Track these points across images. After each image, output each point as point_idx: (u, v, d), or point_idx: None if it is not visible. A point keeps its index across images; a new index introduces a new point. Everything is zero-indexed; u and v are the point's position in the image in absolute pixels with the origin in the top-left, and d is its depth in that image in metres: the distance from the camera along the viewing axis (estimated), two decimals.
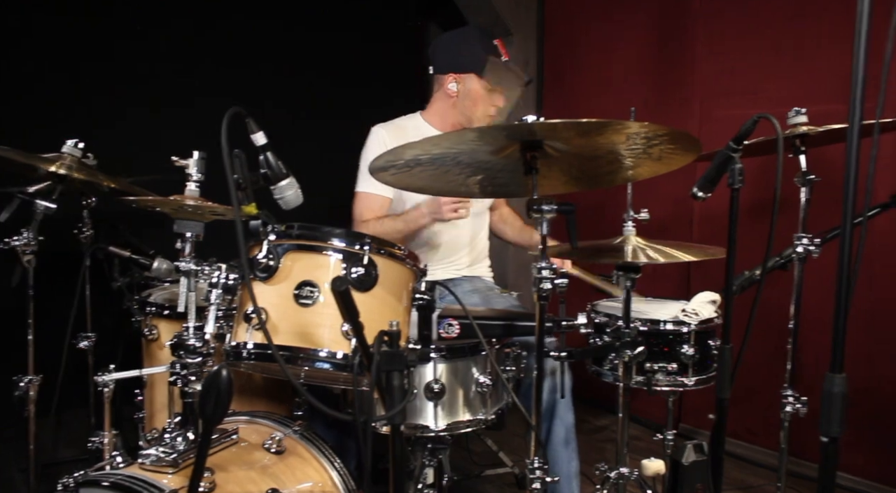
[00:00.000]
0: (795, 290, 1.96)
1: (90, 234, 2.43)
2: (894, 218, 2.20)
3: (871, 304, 2.74)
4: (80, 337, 2.42)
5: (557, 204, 1.48)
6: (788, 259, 2.02)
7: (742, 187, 1.57)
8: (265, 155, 1.58)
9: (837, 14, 2.94)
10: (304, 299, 1.50)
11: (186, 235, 1.67)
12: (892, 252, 2.72)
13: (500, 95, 2.44)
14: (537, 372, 1.53)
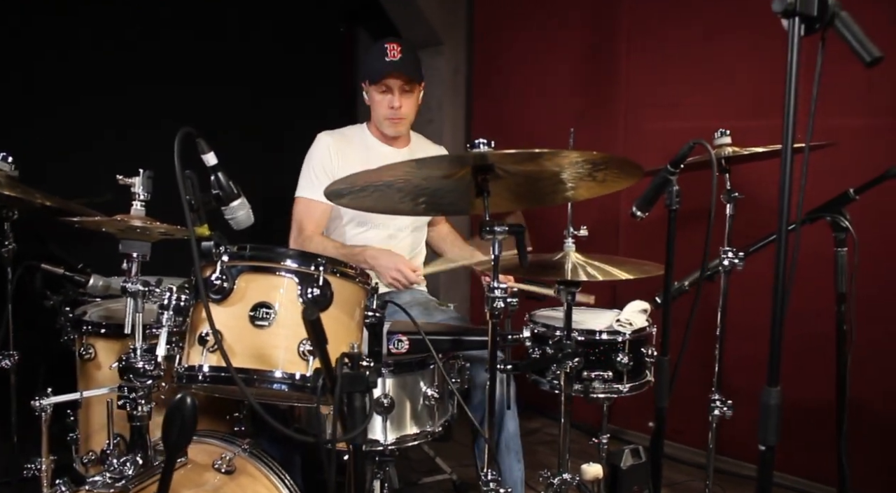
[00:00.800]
0: (721, 300, 2.08)
1: (12, 248, 2.33)
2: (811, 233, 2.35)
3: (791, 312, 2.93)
4: (3, 355, 2.33)
5: (508, 225, 1.53)
6: (715, 271, 2.14)
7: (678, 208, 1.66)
8: (216, 175, 1.58)
9: (750, 35, 3.13)
10: (259, 321, 1.50)
11: (133, 256, 1.64)
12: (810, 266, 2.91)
13: (395, 95, 2.45)
14: (490, 386, 1.58)
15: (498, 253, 1.55)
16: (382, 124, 2.48)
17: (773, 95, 3.05)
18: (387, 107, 2.44)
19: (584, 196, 1.80)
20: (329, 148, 2.50)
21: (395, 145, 2.57)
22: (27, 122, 3.33)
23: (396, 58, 2.38)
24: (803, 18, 1.22)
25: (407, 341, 1.81)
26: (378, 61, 2.39)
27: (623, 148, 3.55)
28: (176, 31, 3.84)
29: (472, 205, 1.83)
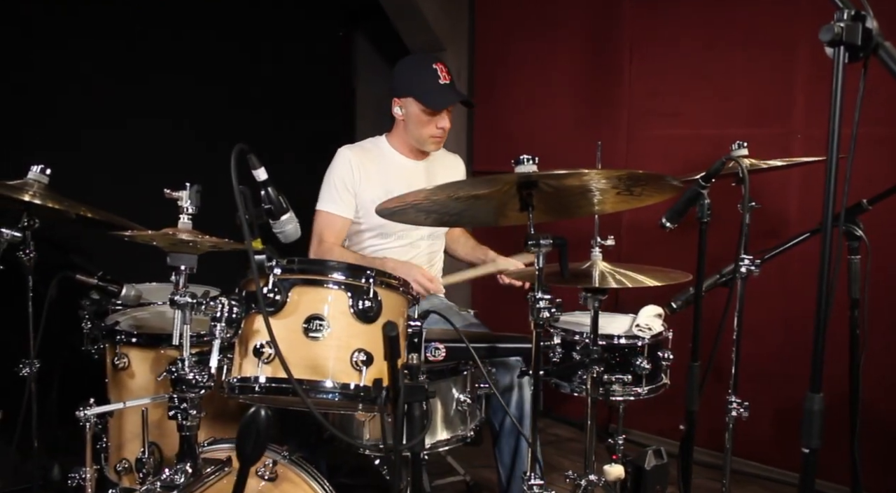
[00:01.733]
0: (738, 305, 2.16)
1: (33, 257, 2.34)
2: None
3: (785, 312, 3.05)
4: (24, 363, 2.34)
5: (552, 238, 1.59)
6: (730, 277, 2.21)
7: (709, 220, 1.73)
8: (266, 190, 1.61)
9: (749, 47, 3.23)
10: (313, 333, 1.54)
11: (181, 268, 1.67)
12: (803, 267, 3.02)
13: (443, 117, 2.50)
14: (534, 392, 1.64)
15: (542, 265, 1.60)
16: (425, 143, 2.52)
17: (771, 104, 3.20)
18: (434, 127, 2.48)
19: (613, 209, 1.87)
20: (350, 162, 2.54)
21: (415, 158, 2.62)
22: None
23: (449, 81, 2.45)
24: (848, 47, 1.28)
25: (444, 348, 1.86)
26: (432, 83, 2.43)
27: (626, 155, 3.63)
28: (172, 35, 3.83)
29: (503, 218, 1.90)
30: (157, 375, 2.04)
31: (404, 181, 2.56)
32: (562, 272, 1.63)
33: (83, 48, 3.49)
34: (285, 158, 4.42)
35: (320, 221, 2.55)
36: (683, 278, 1.97)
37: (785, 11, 3.11)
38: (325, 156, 4.76)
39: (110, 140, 3.50)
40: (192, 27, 3.91)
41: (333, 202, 2.54)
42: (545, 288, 1.60)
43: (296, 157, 4.48)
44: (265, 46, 4.31)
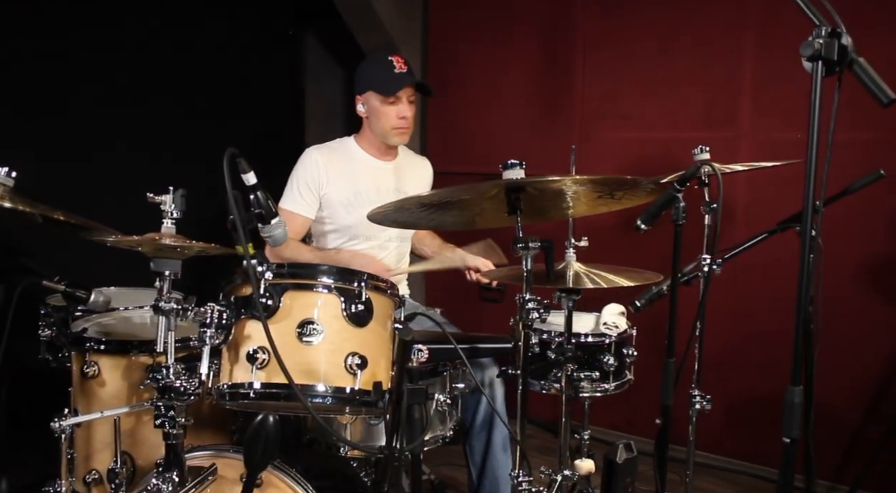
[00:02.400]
0: (701, 303, 2.25)
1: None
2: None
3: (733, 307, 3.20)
4: None
5: (540, 241, 1.64)
6: (693, 276, 2.31)
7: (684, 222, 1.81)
8: (256, 195, 1.60)
9: (699, 51, 3.37)
10: (306, 337, 1.54)
11: (165, 273, 1.64)
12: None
13: (405, 106, 2.51)
14: (521, 392, 1.68)
15: (531, 267, 1.64)
16: (389, 135, 2.52)
17: (720, 109, 3.34)
18: (396, 117, 2.47)
19: (591, 212, 1.92)
20: (318, 164, 2.52)
21: (383, 158, 2.62)
22: None
23: (405, 69, 2.45)
24: (825, 62, 1.36)
25: (427, 351, 1.88)
26: (387, 73, 2.43)
27: (578, 156, 3.71)
28: (117, 37, 3.74)
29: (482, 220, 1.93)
30: (131, 382, 1.99)
31: (373, 182, 2.56)
32: (548, 274, 1.67)
33: (23, 45, 3.37)
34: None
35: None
36: (656, 279, 2.05)
37: (733, 20, 3.26)
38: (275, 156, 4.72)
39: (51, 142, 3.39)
40: (136, 24, 3.81)
41: (294, 201, 2.53)
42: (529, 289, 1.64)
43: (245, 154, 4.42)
44: (213, 44, 4.23)
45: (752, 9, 3.21)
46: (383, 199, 2.56)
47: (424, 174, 2.78)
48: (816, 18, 1.37)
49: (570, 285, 2.05)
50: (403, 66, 2.47)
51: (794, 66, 3.33)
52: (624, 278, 2.02)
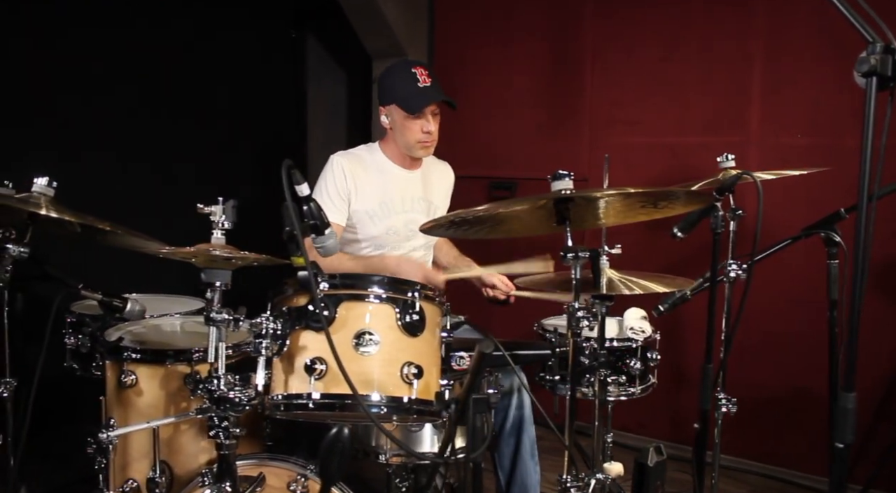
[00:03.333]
0: (726, 307, 2.29)
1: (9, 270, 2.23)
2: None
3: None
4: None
5: (588, 250, 1.66)
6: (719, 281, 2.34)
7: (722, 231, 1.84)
8: (310, 206, 1.60)
9: (704, 59, 3.42)
10: (363, 347, 1.55)
11: (215, 285, 1.64)
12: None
13: (429, 120, 2.48)
14: (570, 398, 1.70)
15: (578, 276, 1.67)
16: (413, 148, 2.49)
17: (727, 114, 3.39)
18: (420, 132, 2.45)
19: (631, 221, 1.95)
20: (343, 170, 2.49)
21: (409, 168, 2.61)
22: None
23: (429, 83, 2.41)
24: (879, 78, 1.39)
25: (468, 357, 1.89)
26: (411, 87, 2.40)
27: (588, 162, 3.76)
28: (122, 39, 3.73)
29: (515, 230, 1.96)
30: (169, 391, 1.99)
31: (399, 191, 2.55)
32: (595, 282, 1.70)
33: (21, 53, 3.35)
34: (236, 160, 4.36)
35: None
36: (687, 284, 2.09)
37: (740, 26, 3.31)
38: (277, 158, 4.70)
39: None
40: (139, 26, 3.80)
41: (326, 209, 2.50)
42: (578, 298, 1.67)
43: (247, 159, 4.43)
44: (214, 47, 4.22)
45: (759, 15, 3.26)
46: (409, 208, 2.57)
47: (447, 181, 2.78)
48: (869, 34, 1.40)
49: (604, 292, 2.08)
50: (427, 80, 2.44)
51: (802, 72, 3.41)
52: (658, 284, 2.06)
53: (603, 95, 3.71)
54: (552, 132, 3.88)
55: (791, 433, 3.24)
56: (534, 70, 3.93)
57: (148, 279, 2.95)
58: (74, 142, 3.52)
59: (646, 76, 3.58)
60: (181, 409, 2.01)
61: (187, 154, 4.04)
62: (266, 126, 4.61)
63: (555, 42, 3.86)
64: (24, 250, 1.78)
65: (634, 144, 3.62)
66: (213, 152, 4.21)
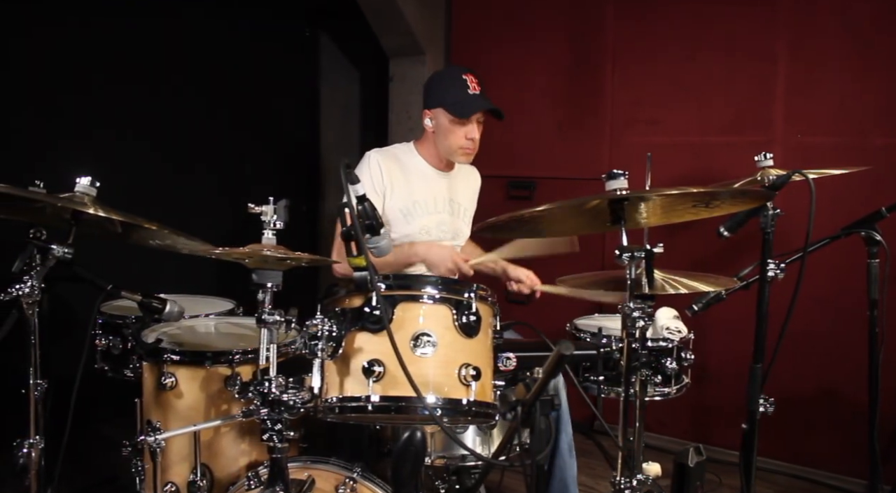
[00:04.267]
0: (763, 307, 2.28)
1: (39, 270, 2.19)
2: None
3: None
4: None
5: (643, 250, 1.64)
6: (753, 281, 2.33)
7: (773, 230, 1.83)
8: (364, 206, 1.58)
9: (726, 58, 3.41)
10: (420, 349, 1.53)
11: (267, 286, 1.62)
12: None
13: (473, 128, 2.50)
14: (624, 399, 1.69)
15: (633, 275, 1.65)
16: (454, 153, 2.49)
17: (750, 113, 3.37)
18: (464, 138, 2.45)
19: (679, 220, 1.93)
20: (380, 166, 2.49)
21: (443, 170, 2.61)
22: None
23: (479, 91, 2.41)
24: None
25: (514, 358, 1.87)
26: (462, 93, 2.40)
27: (609, 161, 3.74)
28: (124, 31, 3.71)
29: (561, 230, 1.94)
30: (209, 393, 1.96)
31: (430, 192, 2.55)
32: (648, 282, 1.68)
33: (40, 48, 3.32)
34: (249, 157, 4.34)
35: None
36: (732, 284, 2.07)
37: (763, 25, 3.30)
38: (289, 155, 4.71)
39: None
40: (150, 30, 3.78)
41: None
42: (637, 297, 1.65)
43: (260, 156, 4.41)
44: (228, 45, 4.20)
45: (783, 13, 3.25)
46: (439, 209, 2.57)
47: (474, 184, 2.78)
48: None
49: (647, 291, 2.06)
50: (477, 88, 2.44)
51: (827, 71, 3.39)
52: (703, 284, 2.04)
53: (624, 94, 3.69)
54: (572, 132, 3.86)
55: (820, 433, 3.23)
56: (553, 69, 3.91)
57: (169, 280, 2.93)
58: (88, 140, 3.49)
59: (667, 76, 3.57)
60: (222, 411, 1.98)
61: (200, 152, 4.01)
62: (279, 124, 4.60)
63: (575, 41, 3.84)
64: (69, 251, 1.75)
65: (656, 144, 3.61)
66: (226, 150, 4.19)
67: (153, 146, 3.79)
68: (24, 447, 1.80)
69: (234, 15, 4.21)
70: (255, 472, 1.78)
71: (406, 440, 1.25)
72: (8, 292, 1.73)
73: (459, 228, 2.64)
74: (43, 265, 1.76)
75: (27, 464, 1.80)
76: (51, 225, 1.93)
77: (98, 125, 3.56)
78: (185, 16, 3.92)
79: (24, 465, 1.80)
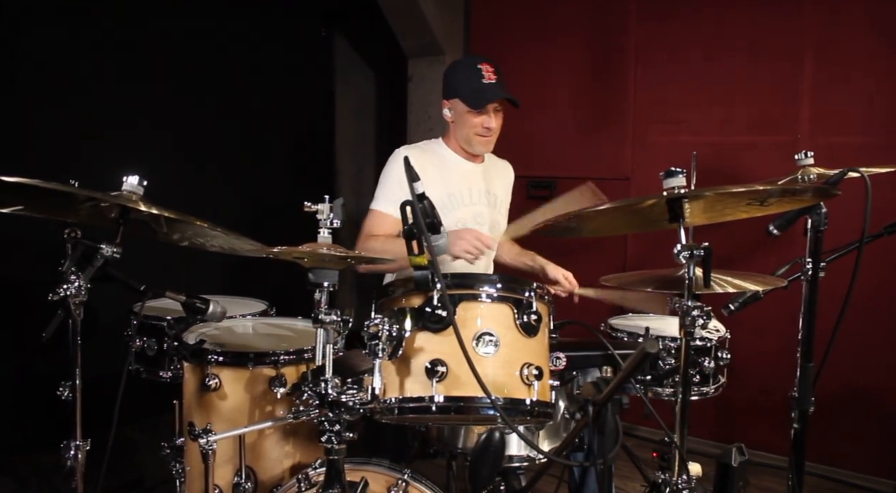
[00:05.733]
0: (805, 306, 2.26)
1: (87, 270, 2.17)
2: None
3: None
4: (64, 386, 2.18)
5: (703, 248, 1.63)
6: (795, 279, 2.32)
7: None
8: (423, 204, 1.56)
9: (750, 57, 3.41)
10: (483, 348, 1.51)
11: (323, 285, 1.60)
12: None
13: (490, 117, 2.47)
14: (682, 399, 1.67)
15: (692, 274, 1.64)
16: (472, 142, 2.48)
17: (775, 113, 3.37)
18: (480, 126, 2.44)
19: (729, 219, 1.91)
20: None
21: (473, 161, 2.60)
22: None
23: (494, 80, 2.39)
24: None
25: (564, 357, 1.86)
26: (476, 83, 2.39)
27: (631, 161, 3.73)
28: (146, 34, 3.69)
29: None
30: (253, 394, 1.95)
31: (465, 184, 2.54)
32: (705, 280, 1.66)
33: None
34: (266, 157, 4.31)
35: (372, 220, 2.45)
36: (780, 283, 2.06)
37: (789, 23, 3.30)
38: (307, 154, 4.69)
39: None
40: (163, 24, 3.76)
41: (387, 202, 2.45)
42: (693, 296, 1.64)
43: (277, 156, 4.38)
44: (245, 45, 4.18)
45: (809, 11, 3.25)
46: (476, 200, 2.55)
47: (508, 177, 2.77)
48: None
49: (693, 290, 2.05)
50: (493, 77, 2.42)
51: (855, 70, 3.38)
52: (749, 283, 2.03)
53: (646, 94, 3.69)
54: (593, 131, 3.85)
55: (849, 433, 3.23)
56: (574, 69, 3.91)
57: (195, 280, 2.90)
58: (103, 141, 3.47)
59: (691, 75, 3.57)
60: (266, 413, 1.96)
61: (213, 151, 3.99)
62: (295, 124, 4.57)
63: (596, 41, 3.83)
64: (117, 251, 1.72)
65: (679, 144, 3.61)
66: (241, 148, 4.17)
67: (174, 146, 3.77)
68: (71, 448, 1.78)
69: (251, 15, 4.19)
70: (305, 474, 1.76)
71: (485, 441, 1.23)
72: (56, 292, 1.71)
73: (497, 220, 2.62)
74: (91, 265, 1.73)
75: (74, 466, 1.77)
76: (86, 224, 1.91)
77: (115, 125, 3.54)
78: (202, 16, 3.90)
79: (72, 467, 1.77)
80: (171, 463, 2.14)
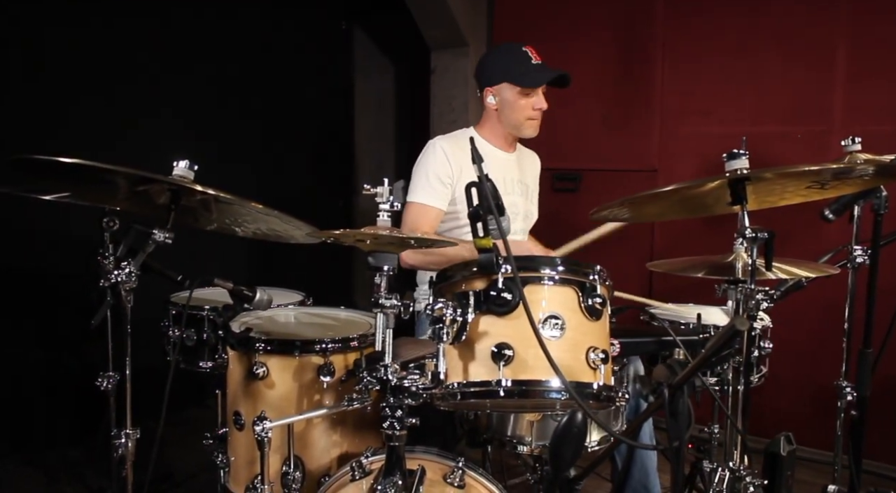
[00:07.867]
0: (850, 294, 2.24)
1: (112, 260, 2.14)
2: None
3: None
4: (103, 376, 2.16)
5: (766, 231, 1.61)
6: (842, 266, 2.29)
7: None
8: (484, 186, 1.53)
9: (781, 46, 3.38)
10: (550, 331, 1.48)
11: (383, 269, 1.57)
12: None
13: (540, 98, 2.49)
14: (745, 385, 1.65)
15: (755, 257, 1.61)
16: (522, 126, 2.48)
17: (807, 103, 3.34)
18: (531, 109, 2.45)
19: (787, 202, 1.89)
20: (445, 154, 2.45)
21: (506, 150, 2.59)
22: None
23: (541, 61, 2.41)
24: None
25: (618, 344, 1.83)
26: (526, 65, 2.40)
27: (658, 153, 3.71)
28: (163, 23, 3.68)
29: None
30: (302, 383, 1.92)
31: (500, 173, 2.53)
32: (767, 265, 1.64)
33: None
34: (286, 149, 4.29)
35: (413, 212, 2.44)
36: (833, 271, 2.03)
37: (821, 13, 3.27)
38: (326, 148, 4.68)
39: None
40: (183, 16, 3.74)
41: (427, 194, 2.43)
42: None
43: (297, 148, 4.36)
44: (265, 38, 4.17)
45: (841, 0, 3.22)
46: (509, 190, 2.54)
47: (537, 168, 2.80)
48: None
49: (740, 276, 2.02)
50: (538, 58, 2.43)
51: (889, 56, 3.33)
52: (804, 270, 2.00)
53: (674, 85, 3.66)
54: (619, 123, 3.83)
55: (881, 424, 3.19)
56: (599, 61, 3.88)
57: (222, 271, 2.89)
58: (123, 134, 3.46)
59: (720, 65, 3.54)
60: (314, 401, 1.94)
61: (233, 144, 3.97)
62: (315, 116, 4.55)
63: (622, 32, 3.81)
64: (169, 236, 1.70)
65: (708, 134, 3.58)
66: (261, 140, 4.15)
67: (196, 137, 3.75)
68: (122, 437, 1.76)
69: (270, 6, 4.17)
70: (358, 461, 1.73)
71: (567, 422, 1.21)
72: (108, 278, 1.69)
73: (529, 210, 2.61)
74: (143, 251, 1.71)
75: (125, 454, 1.75)
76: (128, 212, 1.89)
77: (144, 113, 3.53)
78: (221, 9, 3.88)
79: (122, 455, 1.75)
80: (213, 453, 2.11)
